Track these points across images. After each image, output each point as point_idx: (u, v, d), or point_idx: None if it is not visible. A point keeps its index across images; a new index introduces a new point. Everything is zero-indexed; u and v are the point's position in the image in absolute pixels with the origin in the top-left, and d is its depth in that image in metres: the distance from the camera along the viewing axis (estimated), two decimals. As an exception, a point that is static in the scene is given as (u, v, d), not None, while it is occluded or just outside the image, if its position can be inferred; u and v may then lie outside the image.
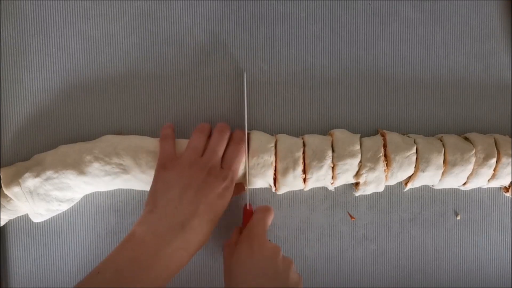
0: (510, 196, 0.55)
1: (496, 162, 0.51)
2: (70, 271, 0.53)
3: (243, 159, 0.49)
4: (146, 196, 0.46)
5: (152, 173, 0.48)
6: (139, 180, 0.49)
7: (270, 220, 0.50)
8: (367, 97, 0.54)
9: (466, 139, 0.53)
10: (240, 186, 0.52)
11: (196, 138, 0.48)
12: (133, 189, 0.52)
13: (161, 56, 0.53)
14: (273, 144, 0.49)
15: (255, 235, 0.47)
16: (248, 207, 0.51)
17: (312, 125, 0.54)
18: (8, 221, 0.51)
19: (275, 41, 0.53)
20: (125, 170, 0.48)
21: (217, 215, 0.46)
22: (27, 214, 0.51)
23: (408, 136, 0.53)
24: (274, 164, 0.49)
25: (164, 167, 0.46)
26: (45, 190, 0.48)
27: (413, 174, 0.51)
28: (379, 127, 0.54)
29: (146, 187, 0.49)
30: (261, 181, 0.50)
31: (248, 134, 0.50)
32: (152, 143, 0.50)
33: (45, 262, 0.53)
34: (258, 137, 0.50)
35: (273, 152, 0.49)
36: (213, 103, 0.53)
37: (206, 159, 0.47)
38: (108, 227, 0.53)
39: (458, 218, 0.56)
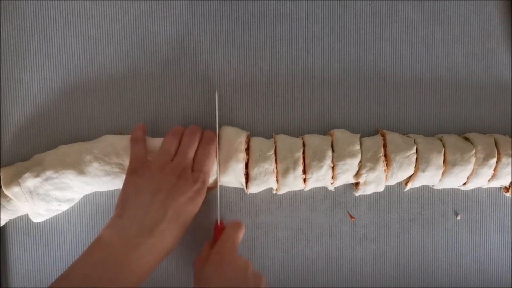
0: (510, 196, 0.55)
1: (496, 162, 0.51)
2: (70, 271, 0.53)
3: (214, 159, 0.49)
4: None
5: None
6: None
7: (241, 235, 0.49)
8: (367, 97, 0.54)
9: (466, 139, 0.53)
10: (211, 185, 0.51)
11: (168, 141, 0.48)
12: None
13: (161, 56, 0.53)
14: (272, 152, 0.49)
15: (226, 250, 0.47)
16: (219, 223, 0.50)
17: (312, 125, 0.54)
18: (8, 221, 0.51)
19: (275, 41, 0.53)
20: (124, 170, 0.48)
21: (187, 219, 0.46)
22: (27, 214, 0.51)
23: (408, 136, 0.53)
24: (275, 171, 0.49)
25: (134, 172, 0.46)
26: (45, 190, 0.48)
27: (413, 174, 0.51)
28: (379, 127, 0.54)
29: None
30: (263, 186, 0.50)
31: (249, 141, 0.50)
32: (152, 143, 0.50)
33: (45, 262, 0.53)
34: (258, 146, 0.50)
35: (274, 159, 0.49)
36: (212, 103, 0.53)
37: (177, 162, 0.46)
38: None
39: (458, 218, 0.56)
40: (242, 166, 0.49)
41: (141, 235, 0.43)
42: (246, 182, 0.50)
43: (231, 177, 0.50)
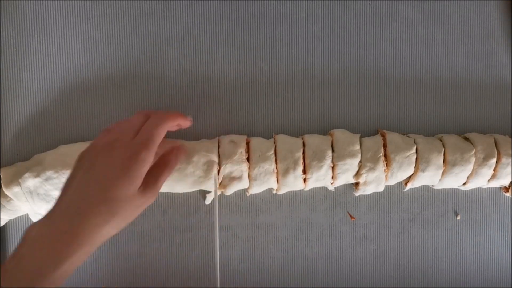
0: (510, 196, 0.55)
1: (496, 162, 0.51)
2: (70, 271, 0.53)
3: (167, 124, 0.42)
4: None
5: None
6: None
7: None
8: (367, 97, 0.54)
9: (466, 139, 0.53)
10: (170, 153, 0.43)
11: (114, 124, 0.42)
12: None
13: (161, 56, 0.53)
14: (272, 152, 0.49)
15: None
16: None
17: (312, 125, 0.54)
18: (8, 221, 0.51)
19: (275, 41, 0.53)
20: None
21: (117, 197, 0.37)
22: (27, 214, 0.51)
23: (408, 136, 0.53)
24: (276, 171, 0.49)
25: (77, 158, 0.40)
26: (45, 190, 0.48)
27: (413, 174, 0.51)
28: (379, 127, 0.54)
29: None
30: (264, 186, 0.50)
31: (248, 142, 0.50)
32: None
33: (45, 262, 0.53)
34: (258, 147, 0.50)
35: (274, 159, 0.49)
36: (212, 103, 0.53)
37: (112, 135, 0.40)
38: None
39: (458, 218, 0.56)
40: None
41: (60, 219, 0.36)
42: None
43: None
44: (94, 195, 0.37)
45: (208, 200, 0.52)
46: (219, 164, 0.48)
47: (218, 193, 0.50)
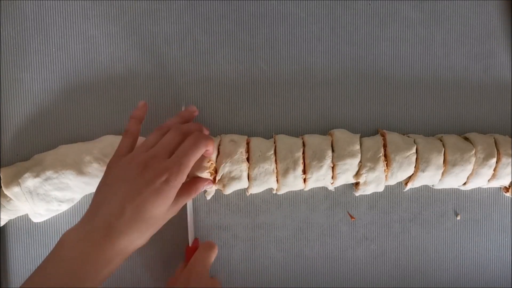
0: (510, 196, 0.55)
1: (496, 162, 0.51)
2: (70, 271, 0.53)
3: (198, 154, 0.43)
4: None
5: None
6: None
7: (213, 257, 0.46)
8: (367, 97, 0.54)
9: (466, 139, 0.53)
10: (199, 181, 0.47)
11: (151, 135, 0.44)
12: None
13: (161, 56, 0.53)
14: (272, 152, 0.49)
15: (195, 272, 0.44)
16: (190, 244, 0.47)
17: (312, 125, 0.54)
18: (8, 221, 0.51)
19: (275, 41, 0.53)
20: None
21: (154, 216, 0.41)
22: (27, 214, 0.51)
23: (408, 136, 0.53)
24: (275, 171, 0.49)
25: (108, 166, 0.43)
26: (45, 190, 0.48)
27: (413, 174, 0.51)
28: (379, 127, 0.54)
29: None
30: (263, 186, 0.50)
31: (248, 142, 0.50)
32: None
33: (45, 262, 0.53)
34: (257, 146, 0.49)
35: (274, 159, 0.49)
36: (212, 103, 0.53)
37: (150, 152, 0.41)
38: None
39: (458, 218, 0.56)
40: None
41: (98, 230, 0.39)
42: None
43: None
44: (132, 214, 0.39)
45: (208, 197, 0.52)
46: (218, 161, 0.48)
47: (215, 187, 0.50)
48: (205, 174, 0.48)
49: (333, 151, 0.50)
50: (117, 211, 0.39)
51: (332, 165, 0.50)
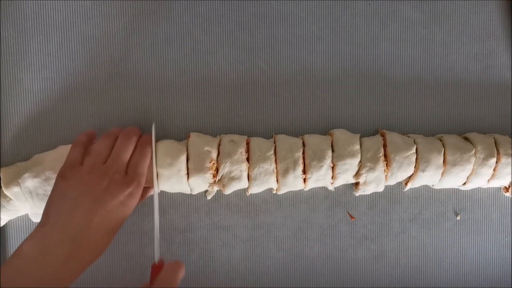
0: (510, 196, 0.55)
1: (496, 162, 0.51)
2: (70, 271, 0.53)
3: (149, 156, 0.46)
4: None
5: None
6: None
7: (180, 276, 0.45)
8: (367, 97, 0.54)
9: (466, 139, 0.53)
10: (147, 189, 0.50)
11: (101, 143, 0.46)
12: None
13: (161, 56, 0.53)
14: (272, 152, 0.49)
15: None
16: (156, 262, 0.45)
17: (312, 125, 0.54)
18: (8, 221, 0.51)
19: (275, 41, 0.53)
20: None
21: (117, 225, 0.44)
22: (27, 214, 0.51)
23: (408, 136, 0.53)
24: (275, 171, 0.49)
25: (62, 175, 0.44)
26: (45, 190, 0.48)
27: (413, 174, 0.51)
28: (379, 127, 0.54)
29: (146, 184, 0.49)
30: (263, 186, 0.50)
31: (248, 142, 0.50)
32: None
33: (45, 262, 0.53)
34: (258, 147, 0.49)
35: (274, 159, 0.49)
36: (212, 103, 0.53)
37: (108, 165, 0.44)
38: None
39: (458, 218, 0.56)
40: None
41: (62, 244, 0.40)
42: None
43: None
44: (98, 225, 0.42)
45: (209, 197, 0.52)
46: (218, 161, 0.48)
47: (216, 188, 0.50)
48: (208, 175, 0.48)
49: (333, 151, 0.50)
50: (85, 222, 0.42)
51: (332, 165, 0.50)
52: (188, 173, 0.48)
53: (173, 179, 0.48)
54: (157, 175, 0.47)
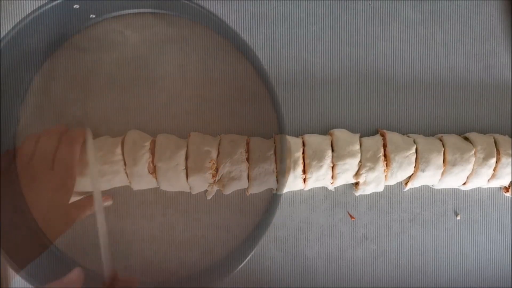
0: (510, 196, 0.55)
1: (496, 162, 0.51)
2: (70, 271, 0.53)
3: (78, 148, 0.46)
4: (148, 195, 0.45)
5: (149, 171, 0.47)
6: (139, 178, 0.49)
7: None
8: (367, 97, 0.54)
9: (466, 139, 0.53)
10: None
11: (26, 145, 0.46)
12: (133, 189, 0.52)
13: (162, 56, 0.53)
14: (272, 152, 0.49)
15: None
16: (107, 281, 0.40)
17: (312, 125, 0.54)
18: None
19: (275, 41, 0.53)
20: (124, 169, 0.48)
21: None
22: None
23: (408, 136, 0.53)
24: (275, 171, 0.49)
25: None
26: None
27: (412, 174, 0.51)
28: (379, 127, 0.54)
29: (146, 185, 0.50)
30: (263, 186, 0.50)
31: (248, 142, 0.50)
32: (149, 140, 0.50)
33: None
34: (258, 146, 0.49)
35: (274, 159, 0.49)
36: (212, 103, 0.53)
37: (35, 163, 0.44)
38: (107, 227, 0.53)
39: (458, 218, 0.56)
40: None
41: None
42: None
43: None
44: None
45: (209, 197, 0.52)
46: (218, 161, 0.48)
47: (216, 188, 0.50)
48: (207, 175, 0.48)
49: (333, 151, 0.50)
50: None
51: (332, 165, 0.50)
52: (186, 170, 0.48)
53: (170, 173, 0.48)
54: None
